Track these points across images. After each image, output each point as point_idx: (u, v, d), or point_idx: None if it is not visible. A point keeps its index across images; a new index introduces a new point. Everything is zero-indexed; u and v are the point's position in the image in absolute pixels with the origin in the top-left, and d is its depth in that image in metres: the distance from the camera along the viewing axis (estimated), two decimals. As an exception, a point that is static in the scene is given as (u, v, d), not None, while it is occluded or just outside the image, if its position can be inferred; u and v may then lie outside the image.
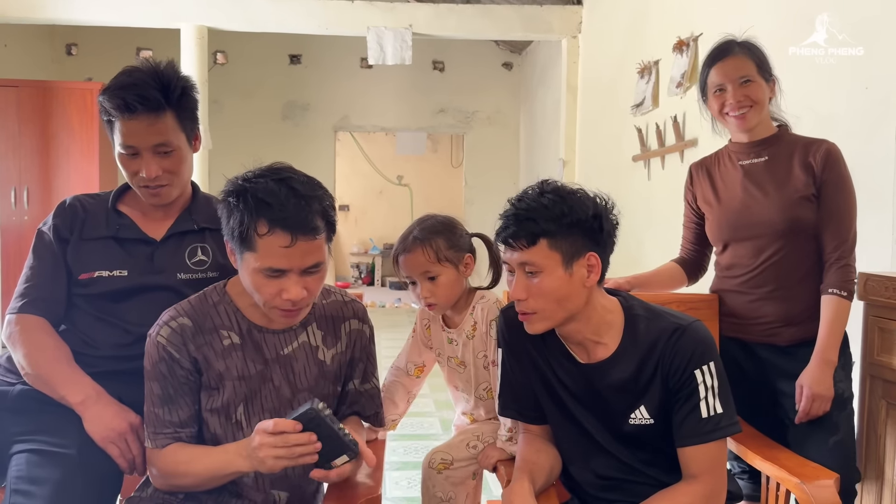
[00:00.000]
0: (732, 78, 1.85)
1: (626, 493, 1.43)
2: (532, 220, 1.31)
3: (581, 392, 1.44)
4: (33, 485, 1.37)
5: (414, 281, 1.80)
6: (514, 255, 1.35)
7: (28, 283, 1.58)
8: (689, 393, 1.35)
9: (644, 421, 1.39)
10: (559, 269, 1.32)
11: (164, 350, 1.36)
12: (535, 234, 1.31)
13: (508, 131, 8.89)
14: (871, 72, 2.59)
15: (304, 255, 1.28)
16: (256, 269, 1.28)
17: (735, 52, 1.87)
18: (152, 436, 1.38)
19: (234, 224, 1.28)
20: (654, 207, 4.15)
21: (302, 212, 1.26)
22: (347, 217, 11.50)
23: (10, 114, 5.60)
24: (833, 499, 1.49)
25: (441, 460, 1.83)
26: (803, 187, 1.82)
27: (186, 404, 1.38)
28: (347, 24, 6.01)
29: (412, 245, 1.78)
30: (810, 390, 1.75)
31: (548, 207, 1.32)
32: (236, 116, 8.05)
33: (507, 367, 1.54)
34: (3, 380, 1.58)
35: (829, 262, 1.81)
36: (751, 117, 1.85)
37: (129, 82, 1.51)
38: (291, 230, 1.25)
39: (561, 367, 1.46)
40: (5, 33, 6.50)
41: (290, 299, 1.29)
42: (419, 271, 1.77)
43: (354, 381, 1.53)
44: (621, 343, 1.40)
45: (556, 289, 1.33)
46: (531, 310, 1.35)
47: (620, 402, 1.40)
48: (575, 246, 1.33)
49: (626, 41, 5.10)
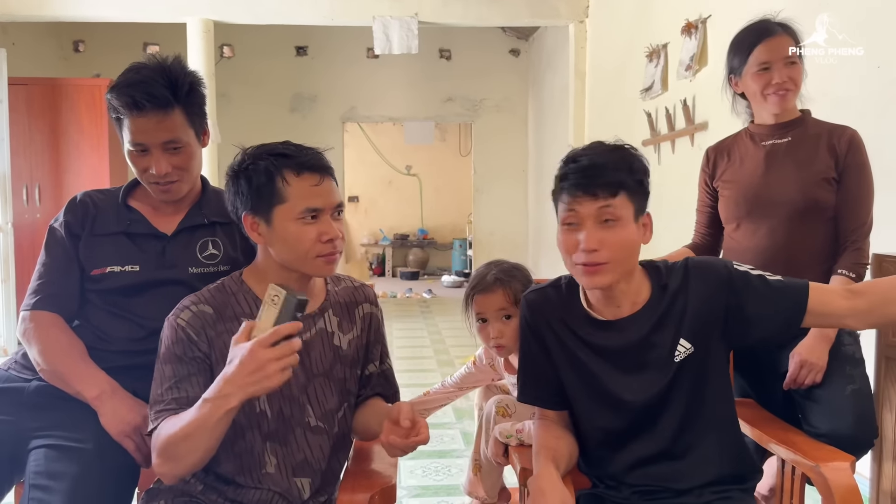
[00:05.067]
0: (780, 56, 1.84)
1: (656, 477, 1.41)
2: (616, 170, 1.34)
3: (615, 354, 1.43)
4: (52, 479, 1.39)
5: (485, 319, 1.84)
6: (593, 204, 1.34)
7: (41, 280, 1.59)
8: (752, 281, 1.38)
9: (687, 352, 1.39)
10: (632, 222, 1.36)
11: (182, 331, 1.36)
12: (619, 184, 1.34)
13: (517, 118, 8.86)
14: (884, 51, 2.56)
15: (330, 193, 1.38)
16: (294, 217, 1.35)
17: (778, 31, 1.87)
18: (155, 416, 1.32)
19: (257, 185, 1.35)
20: (665, 192, 4.13)
21: (317, 154, 1.39)
22: (357, 208, 11.51)
23: (20, 112, 5.63)
24: (849, 481, 1.48)
25: (505, 405, 1.89)
26: (825, 169, 1.83)
27: (196, 384, 1.33)
28: (353, 14, 6.00)
29: (492, 285, 1.84)
30: (800, 356, 1.78)
31: (627, 160, 1.36)
32: (244, 109, 8.07)
33: (528, 351, 1.53)
34: (19, 376, 1.60)
35: (843, 245, 1.82)
36: (791, 98, 1.88)
37: (137, 79, 1.51)
38: (316, 170, 1.36)
39: (591, 335, 1.44)
40: (13, 32, 6.52)
41: (331, 238, 1.36)
42: (495, 309, 1.82)
43: (374, 363, 1.55)
44: (652, 292, 1.42)
45: (631, 240, 1.36)
46: (604, 259, 1.35)
47: (660, 344, 1.40)
48: (642, 203, 1.38)
49: (633, 25, 5.06)
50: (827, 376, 1.78)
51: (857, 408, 1.76)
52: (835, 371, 1.78)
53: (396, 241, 11.30)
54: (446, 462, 3.06)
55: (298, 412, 1.42)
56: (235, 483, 1.40)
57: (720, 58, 1.96)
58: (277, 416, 1.40)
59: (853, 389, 1.78)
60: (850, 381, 1.78)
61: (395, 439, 1.27)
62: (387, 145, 11.34)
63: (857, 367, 1.81)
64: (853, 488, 1.44)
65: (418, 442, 1.28)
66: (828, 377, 1.78)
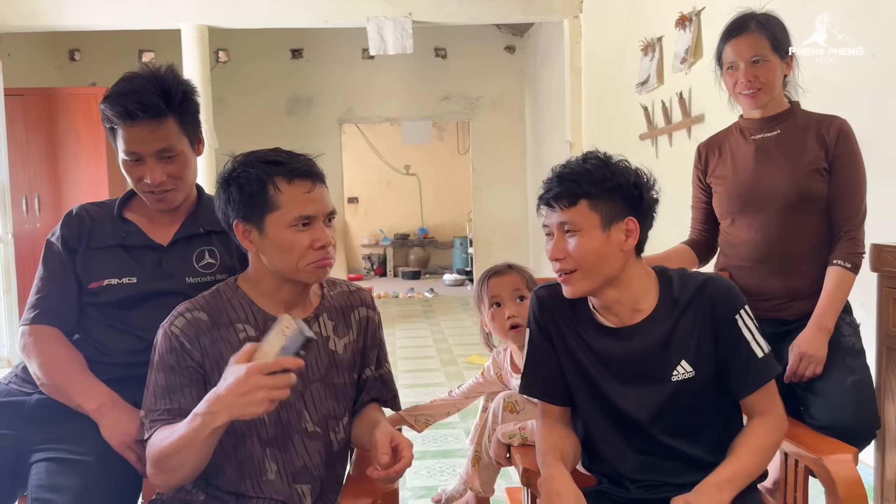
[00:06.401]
0: (745, 57, 1.84)
1: (658, 473, 1.42)
2: (574, 182, 1.37)
3: (616, 363, 1.43)
4: (54, 493, 1.39)
5: (499, 303, 1.92)
6: (555, 216, 1.39)
7: (39, 295, 1.59)
8: (737, 340, 1.39)
9: (686, 374, 1.40)
10: (596, 230, 1.36)
11: (175, 340, 1.36)
12: (576, 195, 1.36)
13: (514, 115, 8.85)
14: (879, 38, 2.55)
15: (322, 200, 1.38)
16: (286, 225, 1.34)
17: (750, 29, 1.85)
18: (149, 425, 1.33)
19: (249, 193, 1.35)
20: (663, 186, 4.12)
21: (307, 161, 1.39)
22: (357, 209, 11.51)
23: (17, 122, 5.63)
24: (852, 474, 1.48)
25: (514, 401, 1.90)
26: (816, 160, 1.83)
27: (189, 395, 1.33)
28: (347, 16, 5.99)
29: (506, 269, 1.96)
30: (799, 349, 1.78)
31: (590, 171, 1.38)
32: (241, 114, 8.07)
33: (535, 346, 1.53)
34: (20, 390, 1.60)
35: (837, 235, 1.82)
36: (761, 97, 1.86)
37: (130, 89, 1.51)
38: (308, 177, 1.37)
39: (595, 340, 1.45)
40: (8, 42, 6.52)
41: (324, 245, 1.36)
42: (510, 290, 1.92)
43: (370, 367, 1.54)
44: (659, 302, 1.42)
45: (594, 249, 1.36)
46: (571, 267, 1.38)
47: (661, 360, 1.41)
48: (615, 210, 1.38)
49: (627, 19, 5.05)
50: (827, 368, 1.77)
51: (859, 399, 1.76)
52: (835, 362, 1.77)
53: (397, 241, 11.29)
54: (451, 462, 3.06)
55: (296, 418, 1.42)
56: (237, 493, 1.40)
57: (714, 50, 1.95)
58: (276, 423, 1.40)
59: (854, 380, 1.77)
60: (851, 373, 1.78)
61: (379, 473, 1.29)
62: (385, 146, 11.34)
63: (857, 358, 1.81)
64: (856, 480, 1.45)
65: (402, 468, 1.31)
66: (828, 369, 1.77)
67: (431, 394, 2.03)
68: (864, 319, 1.92)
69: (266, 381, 1.17)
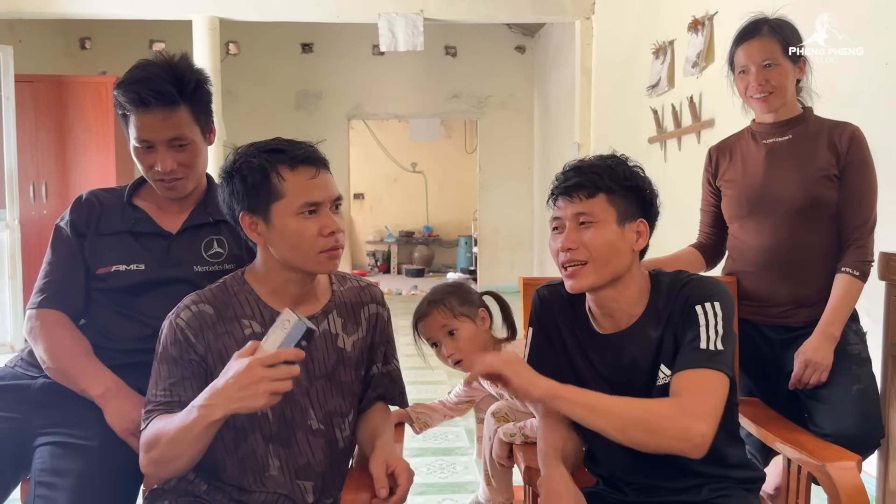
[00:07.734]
0: (756, 61, 1.84)
1: (649, 476, 1.42)
2: (595, 175, 1.37)
3: (607, 368, 1.43)
4: (57, 476, 1.39)
5: (435, 343, 1.87)
6: (571, 206, 1.38)
7: (47, 279, 1.60)
8: (690, 325, 1.34)
9: (667, 379, 1.37)
10: (613, 224, 1.36)
11: (180, 332, 1.35)
12: (597, 187, 1.36)
13: (522, 115, 8.84)
14: (892, 46, 2.54)
15: (327, 186, 1.36)
16: (293, 212, 1.32)
17: (762, 33, 1.85)
18: (146, 416, 1.32)
19: (253, 183, 1.33)
20: (671, 190, 4.12)
21: (309, 148, 1.37)
22: (363, 205, 11.51)
23: (26, 109, 5.64)
24: (855, 481, 1.48)
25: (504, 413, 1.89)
26: (827, 166, 1.82)
27: (190, 388, 1.33)
28: (358, 12, 6.00)
29: (427, 309, 1.88)
30: (805, 356, 1.77)
31: (612, 167, 1.38)
32: (250, 107, 8.07)
33: (536, 344, 1.53)
34: (25, 373, 1.60)
35: (846, 242, 1.81)
36: (772, 101, 1.85)
37: (143, 76, 1.51)
38: (311, 162, 1.35)
39: (588, 344, 1.45)
40: (19, 29, 6.54)
41: (333, 231, 1.34)
42: (437, 328, 1.85)
43: (377, 364, 1.54)
44: (647, 308, 1.41)
45: (609, 241, 1.36)
46: (583, 258, 1.36)
47: (646, 367, 1.39)
48: (630, 209, 1.38)
49: (640, 21, 5.04)
50: (832, 376, 1.77)
51: (863, 407, 1.75)
52: (840, 370, 1.77)
53: (402, 239, 11.30)
54: (451, 459, 3.06)
55: (300, 415, 1.41)
56: (240, 486, 1.40)
57: (726, 55, 1.95)
58: (279, 419, 1.40)
59: (859, 389, 1.76)
60: (856, 381, 1.77)
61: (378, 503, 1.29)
62: (392, 142, 11.35)
63: (863, 367, 1.80)
64: (859, 488, 1.44)
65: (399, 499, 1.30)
66: (833, 377, 1.77)
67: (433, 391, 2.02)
68: (870, 328, 1.91)
69: (267, 373, 1.16)
